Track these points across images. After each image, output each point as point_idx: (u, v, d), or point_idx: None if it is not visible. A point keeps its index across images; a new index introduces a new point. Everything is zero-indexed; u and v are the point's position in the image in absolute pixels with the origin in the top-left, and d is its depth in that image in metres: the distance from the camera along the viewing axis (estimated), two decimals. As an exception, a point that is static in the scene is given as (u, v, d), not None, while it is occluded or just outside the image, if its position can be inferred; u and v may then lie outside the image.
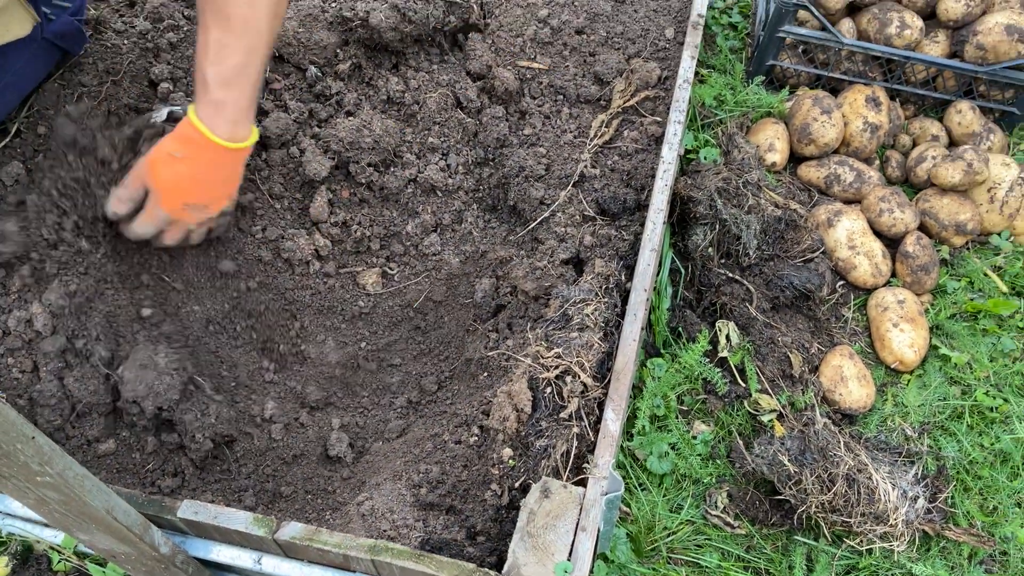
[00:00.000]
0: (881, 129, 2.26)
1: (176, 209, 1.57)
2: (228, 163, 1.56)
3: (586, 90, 2.08)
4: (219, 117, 1.50)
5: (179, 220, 1.59)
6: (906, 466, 1.75)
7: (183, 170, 1.54)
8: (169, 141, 1.54)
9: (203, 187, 1.57)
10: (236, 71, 1.48)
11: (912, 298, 2.02)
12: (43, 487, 1.06)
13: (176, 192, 1.55)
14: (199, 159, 1.53)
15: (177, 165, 1.54)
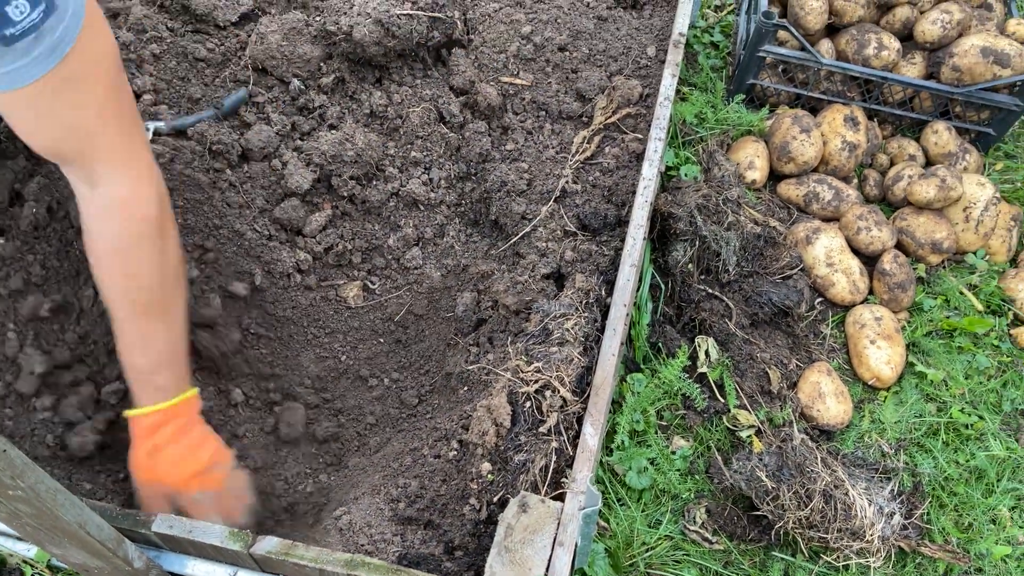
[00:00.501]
0: (859, 148, 2.30)
1: (205, 483, 1.51)
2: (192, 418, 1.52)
3: (568, 106, 2.09)
4: (165, 393, 1.47)
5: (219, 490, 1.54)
6: (882, 482, 1.76)
7: (173, 451, 1.49)
8: (138, 451, 1.49)
9: (198, 450, 1.52)
10: (168, 351, 1.47)
11: (889, 315, 2.04)
12: (15, 500, 1.05)
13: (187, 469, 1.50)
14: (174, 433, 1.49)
15: (165, 454, 1.48)
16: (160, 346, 1.45)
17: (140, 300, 1.41)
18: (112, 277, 1.41)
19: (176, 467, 1.49)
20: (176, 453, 1.48)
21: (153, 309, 1.42)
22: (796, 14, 2.34)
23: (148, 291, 1.41)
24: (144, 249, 1.39)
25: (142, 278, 1.40)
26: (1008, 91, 2.28)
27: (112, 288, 1.42)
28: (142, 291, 1.41)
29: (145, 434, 1.48)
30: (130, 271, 1.39)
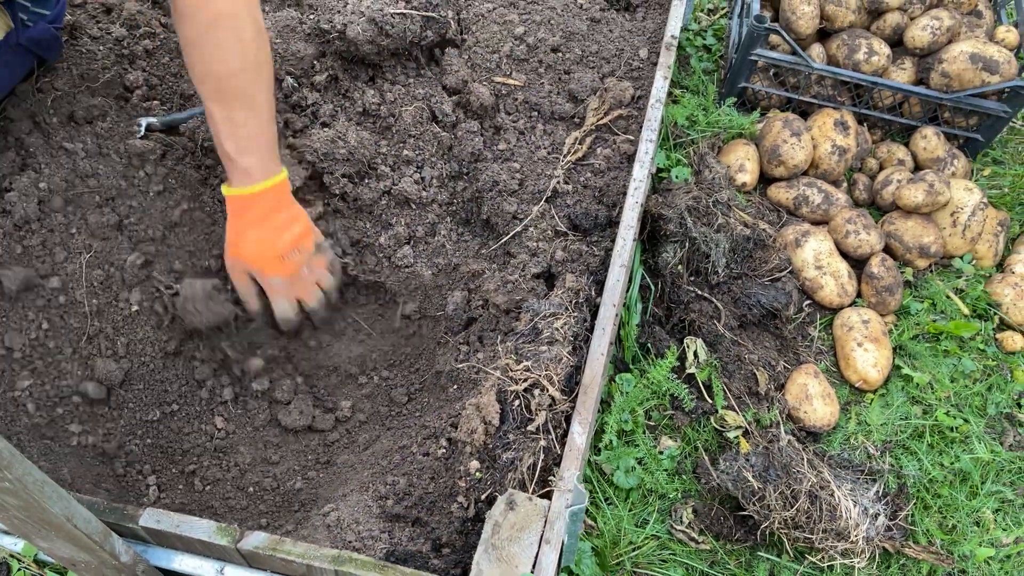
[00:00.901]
0: (849, 152, 2.31)
1: (280, 267, 1.69)
2: (280, 200, 1.66)
3: (560, 107, 2.10)
4: (250, 177, 1.60)
5: (293, 275, 1.71)
6: (868, 484, 1.78)
7: (255, 233, 1.65)
8: (230, 229, 1.67)
9: (281, 233, 1.66)
10: (252, 137, 1.58)
11: (876, 318, 2.06)
12: (2, 492, 1.05)
13: (266, 253, 1.67)
14: (258, 215, 1.64)
15: (247, 234, 1.65)
16: (245, 132, 1.56)
17: (221, 87, 1.52)
18: (193, 64, 1.53)
19: (257, 250, 1.66)
20: (257, 236, 1.65)
21: (235, 95, 1.53)
22: (788, 19, 2.36)
23: (228, 77, 1.51)
24: (220, 36, 1.48)
25: (220, 64, 1.50)
26: (996, 97, 2.30)
27: (194, 74, 1.55)
28: (222, 78, 1.51)
29: (234, 214, 1.65)
30: (207, 57, 1.50)
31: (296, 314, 1.80)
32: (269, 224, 1.65)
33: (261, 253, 1.67)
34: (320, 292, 1.81)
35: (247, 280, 1.73)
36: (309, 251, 1.73)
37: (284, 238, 1.66)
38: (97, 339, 1.70)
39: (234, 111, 1.54)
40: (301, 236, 1.70)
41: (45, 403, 1.64)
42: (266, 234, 1.65)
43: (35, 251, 1.68)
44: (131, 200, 1.79)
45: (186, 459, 1.74)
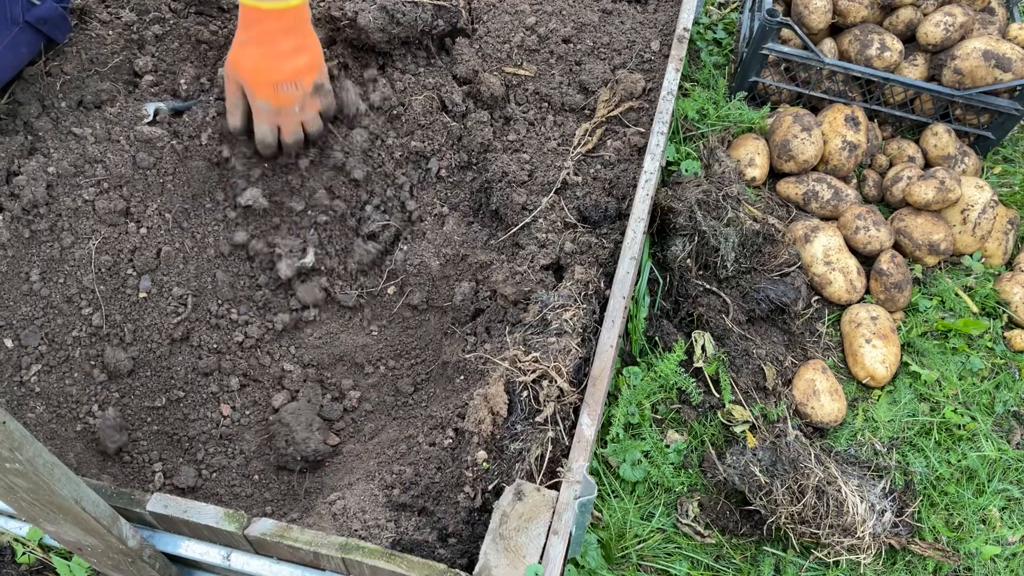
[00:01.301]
0: (859, 148, 2.30)
1: (271, 94, 1.61)
2: (293, 26, 1.56)
3: (571, 98, 2.09)
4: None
5: (282, 107, 1.64)
6: (874, 480, 1.77)
7: (256, 51, 1.57)
8: (236, 38, 1.60)
9: (283, 60, 1.58)
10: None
11: (885, 315, 2.05)
12: (11, 474, 1.05)
13: (261, 74, 1.60)
14: (265, 33, 1.55)
15: (249, 48, 1.57)
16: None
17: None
18: None
19: (253, 68, 1.58)
20: (258, 54, 1.57)
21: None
22: (800, 13, 2.35)
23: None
24: None
25: None
26: (1008, 95, 2.29)
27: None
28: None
29: (243, 25, 1.56)
30: None
31: (272, 142, 1.74)
32: (274, 47, 1.57)
33: (256, 73, 1.60)
34: (300, 132, 1.74)
35: (237, 93, 1.67)
36: (306, 89, 1.66)
37: (284, 66, 1.60)
38: (105, 326, 1.70)
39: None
40: (303, 70, 1.63)
41: (52, 389, 1.64)
42: (267, 56, 1.58)
43: (43, 236, 1.68)
44: (138, 186, 1.78)
45: (192, 446, 1.74)
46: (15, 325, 1.63)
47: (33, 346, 1.64)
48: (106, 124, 1.80)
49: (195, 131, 1.85)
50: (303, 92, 1.65)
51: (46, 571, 1.53)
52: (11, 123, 1.73)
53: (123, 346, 1.72)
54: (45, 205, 1.68)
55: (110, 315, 1.72)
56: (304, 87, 1.65)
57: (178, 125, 1.85)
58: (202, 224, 1.84)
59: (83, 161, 1.74)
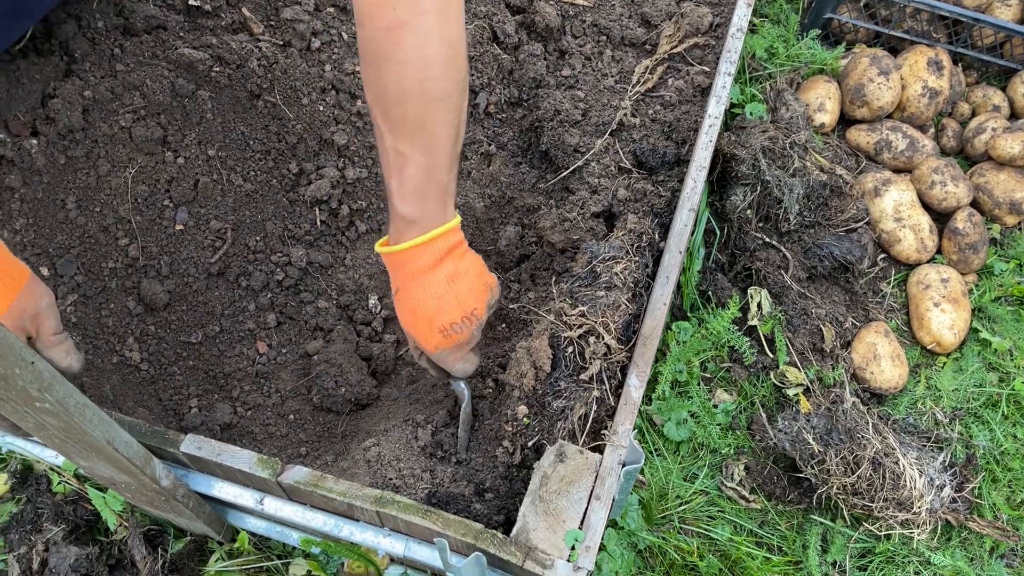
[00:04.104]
0: (941, 95, 2.13)
1: (442, 341, 1.33)
2: (440, 258, 1.28)
3: (632, 32, 1.95)
4: (409, 229, 1.26)
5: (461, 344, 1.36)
6: (934, 452, 1.68)
7: (405, 303, 1.32)
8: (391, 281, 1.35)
9: (442, 300, 1.30)
10: (419, 179, 1.22)
11: (957, 277, 1.92)
12: (42, 413, 1.02)
13: (420, 328, 1.33)
14: (410, 275, 1.29)
15: (401, 302, 1.32)
16: (412, 171, 1.22)
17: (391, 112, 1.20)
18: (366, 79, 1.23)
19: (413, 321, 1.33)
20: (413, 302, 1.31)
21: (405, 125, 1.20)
22: (886, -57, 2.15)
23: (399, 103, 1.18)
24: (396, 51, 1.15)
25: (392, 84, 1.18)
26: (1113, 41, 2.09)
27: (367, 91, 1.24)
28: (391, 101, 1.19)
29: (391, 271, 1.33)
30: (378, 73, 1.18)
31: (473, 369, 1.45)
32: (427, 288, 1.29)
33: (417, 327, 1.33)
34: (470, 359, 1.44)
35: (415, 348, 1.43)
36: (481, 318, 1.35)
37: (446, 307, 1.31)
38: (141, 257, 1.66)
39: (402, 143, 1.21)
40: (470, 301, 1.32)
41: (89, 320, 1.61)
42: (424, 304, 1.30)
43: (79, 162, 1.63)
44: (176, 114, 1.71)
45: (228, 383, 1.71)
46: (51, 253, 1.60)
47: (70, 275, 1.61)
48: (146, 48, 1.72)
49: (240, 59, 1.76)
50: (478, 322, 1.35)
51: (81, 501, 1.53)
52: (47, 43, 1.66)
53: (159, 279, 1.69)
54: (81, 131, 1.63)
55: (146, 247, 1.68)
56: (478, 316, 1.34)
57: (222, 51, 1.77)
58: (243, 158, 1.77)
59: (121, 87, 1.67)
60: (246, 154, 1.77)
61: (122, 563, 1.49)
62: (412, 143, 1.21)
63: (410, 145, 1.21)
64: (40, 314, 1.27)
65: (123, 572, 1.49)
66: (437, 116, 1.20)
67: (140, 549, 1.48)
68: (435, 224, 1.26)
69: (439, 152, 1.22)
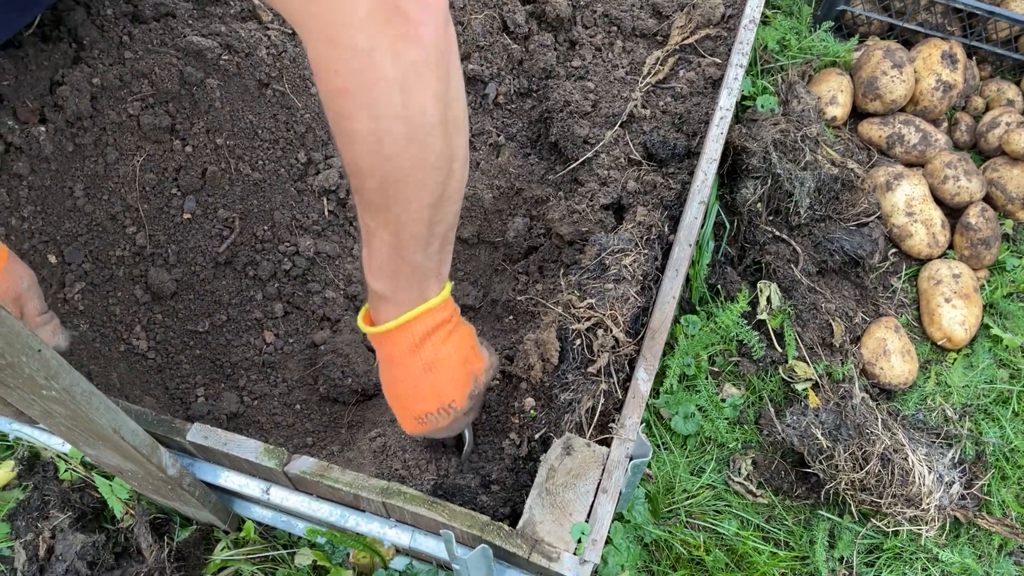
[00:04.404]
0: (955, 89, 2.11)
1: (413, 428, 1.28)
2: (420, 341, 1.17)
3: (643, 23, 1.94)
4: (384, 307, 1.15)
5: (435, 432, 1.31)
6: (943, 449, 1.67)
7: (384, 380, 1.25)
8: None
9: (417, 388, 1.21)
10: (387, 257, 1.09)
11: (968, 273, 1.90)
12: (49, 401, 1.02)
13: (396, 409, 1.27)
14: (389, 357, 1.20)
15: (382, 377, 1.25)
16: (379, 249, 1.09)
17: (356, 183, 1.04)
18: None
19: (392, 402, 1.28)
20: (389, 385, 1.25)
21: (370, 201, 1.04)
22: (901, -66, 2.13)
23: (362, 176, 1.01)
24: (331, 120, 1.00)
25: (340, 154, 1.03)
26: None
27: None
28: (354, 174, 1.03)
29: (378, 349, 1.23)
30: (344, 154, 1.02)
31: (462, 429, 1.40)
32: (401, 373, 1.21)
33: (396, 406, 1.27)
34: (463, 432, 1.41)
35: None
36: (458, 409, 1.26)
37: (422, 395, 1.22)
38: (149, 246, 1.66)
39: (365, 216, 1.07)
40: (448, 394, 1.23)
41: (96, 308, 1.61)
42: (400, 385, 1.23)
43: (87, 150, 1.62)
44: (185, 102, 1.71)
45: (234, 372, 1.71)
46: (59, 241, 1.60)
47: (77, 263, 1.61)
48: (154, 35, 1.71)
49: (249, 47, 1.76)
50: (454, 414, 1.26)
51: (88, 488, 1.53)
52: (55, 30, 1.66)
53: (167, 267, 1.68)
54: (89, 118, 1.62)
55: (154, 235, 1.68)
56: (456, 407, 1.25)
57: (231, 39, 1.76)
58: (251, 147, 1.76)
59: (130, 74, 1.67)
60: (254, 143, 1.76)
61: (128, 551, 1.50)
62: (374, 218, 1.06)
63: (373, 220, 1.06)
64: (22, 295, 1.26)
65: (129, 560, 1.49)
66: (398, 197, 1.02)
67: (146, 537, 1.48)
68: (410, 304, 1.14)
69: (405, 233, 1.06)
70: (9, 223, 1.54)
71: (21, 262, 1.28)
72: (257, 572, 1.49)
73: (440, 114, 0.98)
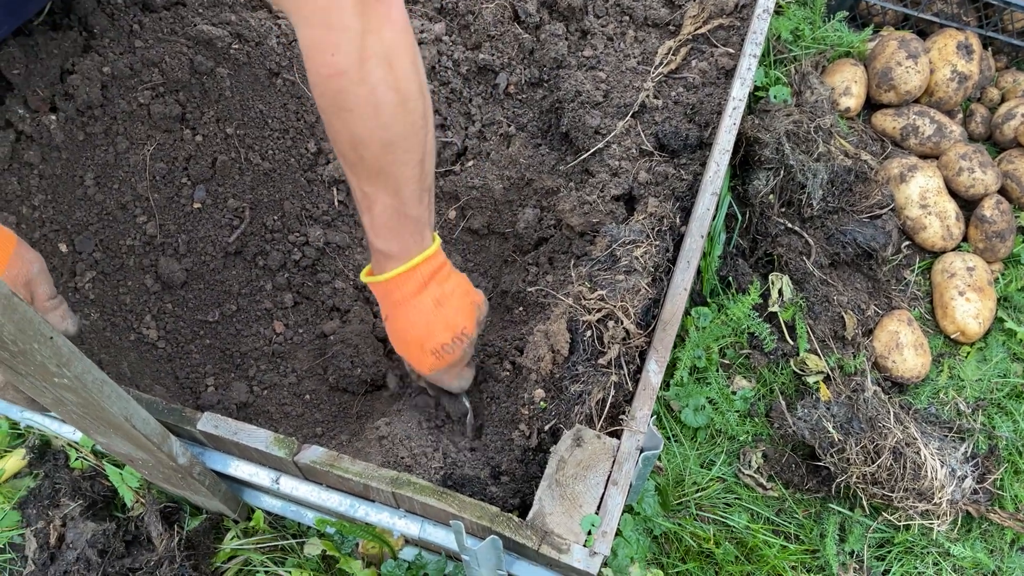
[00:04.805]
0: (970, 80, 2.08)
1: (431, 364, 1.37)
2: (423, 282, 1.30)
3: (655, 12, 1.92)
4: (387, 261, 1.28)
5: (453, 364, 1.39)
6: (956, 443, 1.66)
7: (396, 329, 1.35)
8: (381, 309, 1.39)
9: (432, 323, 1.32)
10: (388, 217, 1.23)
11: (983, 266, 1.88)
12: (60, 388, 1.02)
13: (412, 352, 1.36)
14: (397, 303, 1.31)
15: (391, 329, 1.36)
16: (381, 210, 1.22)
17: (348, 156, 1.19)
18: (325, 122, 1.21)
19: (402, 346, 1.37)
20: (400, 328, 1.34)
21: (367, 169, 1.20)
22: (917, -77, 2.10)
23: (355, 147, 1.17)
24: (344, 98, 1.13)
25: (344, 131, 1.16)
26: None
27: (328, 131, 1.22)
28: (347, 146, 1.18)
29: (380, 301, 1.37)
30: (325, 123, 1.19)
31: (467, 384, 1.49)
32: (414, 313, 1.31)
33: (409, 351, 1.37)
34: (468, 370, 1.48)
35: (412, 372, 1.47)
36: (471, 336, 1.37)
37: (436, 330, 1.33)
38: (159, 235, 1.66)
39: (365, 185, 1.22)
40: (457, 322, 1.34)
41: (107, 297, 1.61)
42: (414, 327, 1.33)
43: (97, 139, 1.62)
44: (195, 91, 1.70)
45: (244, 362, 1.71)
46: (70, 230, 1.60)
47: (88, 252, 1.61)
48: (164, 24, 1.71)
49: (259, 36, 1.75)
50: (468, 340, 1.37)
51: (99, 477, 1.54)
52: (65, 18, 1.65)
53: (177, 257, 1.68)
54: (100, 107, 1.62)
55: (164, 225, 1.68)
56: (468, 334, 1.36)
57: (242, 28, 1.75)
58: (261, 136, 1.76)
59: (140, 63, 1.66)
60: (264, 132, 1.76)
61: (139, 539, 1.50)
62: (374, 185, 1.21)
63: (372, 187, 1.21)
64: (33, 280, 1.28)
65: (140, 548, 1.49)
66: (395, 159, 1.18)
67: (157, 526, 1.49)
68: (413, 254, 1.27)
69: (404, 191, 1.22)
70: (20, 212, 1.55)
71: (29, 247, 1.29)
72: (267, 561, 1.50)
73: (417, 80, 1.16)
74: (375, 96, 1.12)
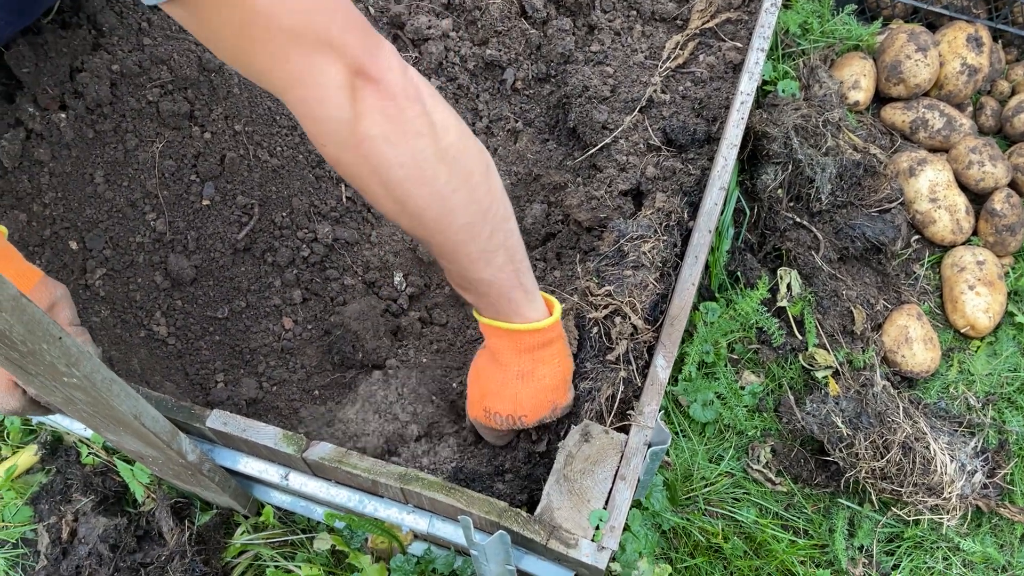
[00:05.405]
0: (980, 73, 2.07)
1: (477, 416, 1.36)
2: (524, 352, 1.26)
3: (662, 7, 1.92)
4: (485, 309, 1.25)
5: (486, 426, 1.37)
6: (966, 437, 1.65)
7: (477, 363, 1.36)
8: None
9: (494, 385, 1.30)
10: (456, 277, 1.20)
11: (993, 260, 1.87)
12: (70, 387, 1.02)
13: (471, 392, 1.37)
14: (488, 353, 1.31)
15: (475, 359, 1.38)
16: (450, 270, 1.20)
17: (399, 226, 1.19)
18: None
19: (470, 379, 1.39)
20: (474, 368, 1.37)
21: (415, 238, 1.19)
22: (927, -86, 2.09)
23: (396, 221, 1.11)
24: (356, 186, 1.06)
25: (381, 210, 1.10)
26: None
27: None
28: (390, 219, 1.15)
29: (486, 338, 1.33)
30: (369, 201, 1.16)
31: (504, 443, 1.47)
32: (495, 367, 1.31)
33: (474, 390, 1.38)
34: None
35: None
36: (525, 425, 1.33)
37: (501, 395, 1.31)
38: (168, 232, 1.66)
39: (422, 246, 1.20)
40: (523, 403, 1.30)
41: (117, 294, 1.62)
42: (490, 379, 1.32)
43: (107, 137, 1.63)
44: (203, 89, 1.71)
45: (253, 358, 1.71)
46: (80, 227, 1.61)
47: (98, 250, 1.62)
48: (173, 21, 1.72)
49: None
50: (518, 427, 1.33)
51: (110, 473, 1.55)
52: (74, 16, 1.66)
53: (186, 254, 1.69)
54: (109, 105, 1.63)
55: (173, 222, 1.68)
56: (524, 423, 1.31)
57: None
58: (270, 133, 1.76)
59: (149, 60, 1.67)
60: (272, 129, 1.76)
61: (150, 534, 1.51)
62: (426, 246, 1.17)
63: (425, 247, 1.19)
64: (56, 304, 1.26)
65: (151, 543, 1.50)
66: (431, 227, 1.08)
67: (167, 521, 1.50)
68: (500, 315, 1.22)
69: (459, 255, 1.13)
70: (31, 209, 1.56)
71: (53, 280, 1.27)
72: (277, 556, 1.51)
73: (432, 147, 1.02)
74: (381, 177, 1.02)
